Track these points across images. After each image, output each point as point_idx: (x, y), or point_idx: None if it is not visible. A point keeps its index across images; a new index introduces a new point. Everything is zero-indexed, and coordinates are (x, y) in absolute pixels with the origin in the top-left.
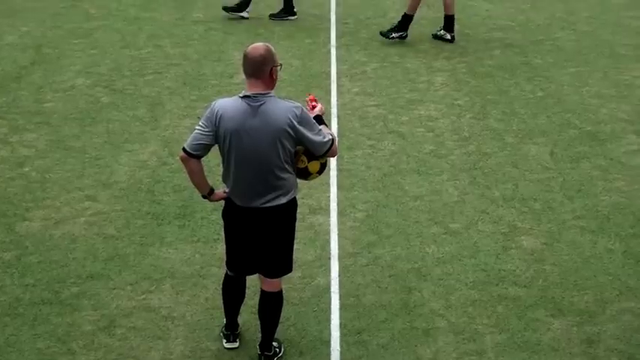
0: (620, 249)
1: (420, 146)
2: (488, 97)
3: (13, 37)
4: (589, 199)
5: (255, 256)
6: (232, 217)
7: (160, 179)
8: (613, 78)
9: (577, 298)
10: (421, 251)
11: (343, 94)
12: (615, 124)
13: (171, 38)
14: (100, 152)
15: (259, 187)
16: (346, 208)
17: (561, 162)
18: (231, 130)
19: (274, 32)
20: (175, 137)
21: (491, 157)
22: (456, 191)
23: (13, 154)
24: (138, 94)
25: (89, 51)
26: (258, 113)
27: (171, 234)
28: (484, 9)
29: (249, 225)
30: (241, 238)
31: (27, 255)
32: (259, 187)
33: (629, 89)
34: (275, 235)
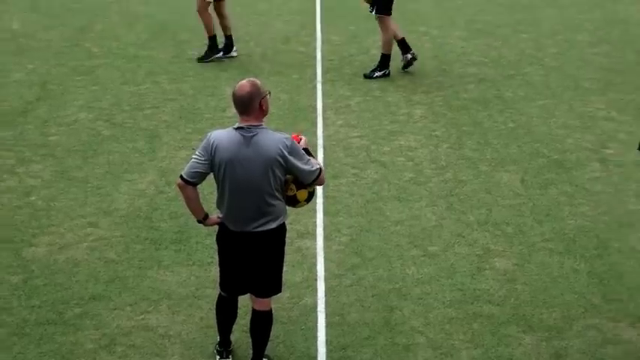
0: (585, 269)
1: (400, 174)
2: (464, 129)
3: (20, 74)
4: (556, 222)
5: (246, 278)
6: (226, 241)
7: (158, 207)
8: (578, 110)
9: (546, 315)
10: (402, 272)
11: (328, 126)
12: (580, 152)
13: (167, 75)
14: (101, 182)
15: (251, 213)
16: (332, 232)
17: (531, 188)
18: (226, 159)
19: (264, 69)
20: (172, 167)
21: (467, 184)
22: (434, 216)
23: (20, 184)
24: (137, 127)
25: (91, 87)
26: (251, 144)
27: (168, 258)
28: (459, 46)
29: (241, 248)
30: (234, 261)
31: (33, 278)
32: (251, 213)
33: (593, 120)
34: (265, 258)
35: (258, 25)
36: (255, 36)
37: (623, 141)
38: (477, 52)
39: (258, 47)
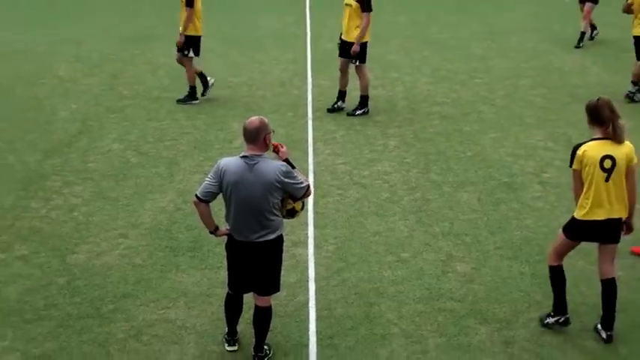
0: (529, 272)
1: (377, 194)
2: (430, 157)
3: (65, 112)
4: (506, 233)
5: (250, 279)
6: (232, 249)
7: (176, 221)
8: (522, 141)
9: (498, 309)
10: (379, 275)
11: (318, 155)
12: (524, 176)
13: (184, 113)
14: (129, 200)
15: (253, 226)
16: (321, 242)
17: (485, 205)
18: (233, 182)
19: (264, 108)
20: (187, 189)
21: (433, 202)
22: (406, 228)
23: (65, 203)
24: (159, 155)
25: (122, 123)
26: (253, 170)
27: (185, 263)
28: (426, 89)
29: (245, 255)
30: (240, 265)
31: (75, 280)
32: (253, 226)
33: (534, 150)
34: (266, 263)
35: (259, 72)
36: (257, 81)
37: (558, 167)
38: (440, 94)
39: (259, 90)
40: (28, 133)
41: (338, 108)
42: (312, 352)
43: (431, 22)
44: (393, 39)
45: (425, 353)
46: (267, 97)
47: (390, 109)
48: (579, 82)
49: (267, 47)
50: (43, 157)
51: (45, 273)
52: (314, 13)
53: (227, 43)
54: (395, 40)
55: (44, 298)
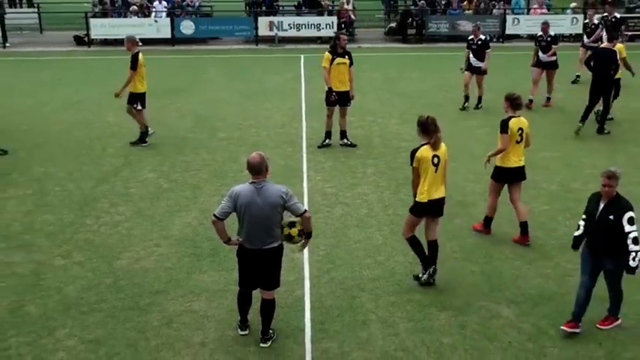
0: (478, 270)
1: (358, 211)
2: (399, 181)
3: (112, 149)
4: (460, 240)
5: (257, 278)
6: (243, 255)
7: (199, 233)
8: (472, 169)
9: (454, 299)
10: (360, 274)
11: (310, 181)
12: (474, 196)
13: (205, 148)
14: (162, 218)
15: (262, 237)
16: (313, 248)
17: (443, 219)
18: (245, 203)
19: (268, 144)
20: (208, 208)
21: (402, 216)
22: (381, 237)
23: (111, 220)
24: (185, 182)
25: (156, 157)
26: (261, 193)
27: (206, 266)
28: (395, 129)
29: (254, 259)
30: (249, 268)
31: (119, 280)
32: (262, 237)
33: (481, 175)
34: (270, 265)
35: (264, 117)
36: (262, 124)
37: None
38: (406, 133)
39: (264, 131)
40: (84, 166)
41: (326, 145)
42: (307, 335)
43: (399, 78)
44: (370, 91)
45: (397, 335)
46: (270, 136)
47: (367, 145)
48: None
49: (270, 98)
50: (95, 184)
51: (96, 275)
52: (306, 73)
53: (240, 95)
54: (371, 92)
55: (96, 294)
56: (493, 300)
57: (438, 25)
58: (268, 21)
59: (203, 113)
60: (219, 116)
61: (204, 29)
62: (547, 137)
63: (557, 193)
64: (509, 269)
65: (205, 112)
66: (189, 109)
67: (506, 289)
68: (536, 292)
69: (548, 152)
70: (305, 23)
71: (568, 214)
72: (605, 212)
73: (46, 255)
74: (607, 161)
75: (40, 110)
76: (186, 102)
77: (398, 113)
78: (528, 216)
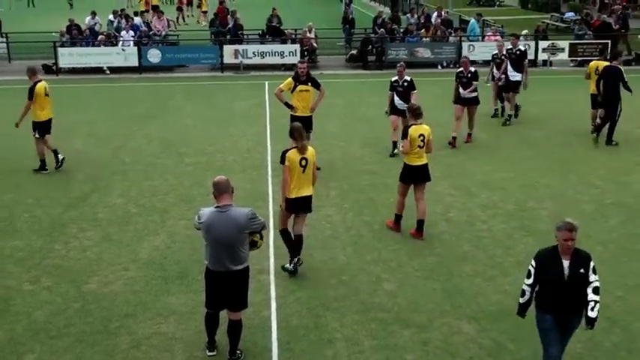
0: (439, 287)
1: (322, 232)
2: (362, 202)
3: (80, 175)
4: (422, 259)
5: (224, 299)
6: (210, 277)
7: (167, 256)
8: (432, 190)
9: (417, 317)
10: (325, 293)
11: (276, 204)
12: (434, 216)
13: (172, 173)
14: (130, 242)
15: (227, 259)
16: (280, 270)
17: (405, 238)
18: (208, 226)
19: (235, 169)
20: (176, 232)
21: (365, 237)
22: (345, 257)
23: (80, 244)
24: (153, 207)
25: (124, 183)
26: (224, 216)
27: (174, 289)
28: (358, 153)
29: (221, 281)
30: (216, 289)
31: (88, 304)
32: (227, 259)
33: (441, 196)
34: (237, 287)
35: (230, 142)
36: (229, 149)
37: (459, 208)
38: (368, 156)
39: (230, 156)
40: (52, 192)
41: None
42: (274, 355)
43: (360, 103)
44: (332, 116)
45: (362, 353)
46: (236, 161)
47: (330, 168)
48: (472, 145)
49: (236, 123)
50: (63, 210)
51: (65, 299)
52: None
53: (206, 121)
54: (333, 116)
55: (64, 319)
56: (455, 316)
57: (397, 52)
58: (233, 49)
59: (170, 139)
60: (186, 142)
61: (171, 57)
62: (503, 159)
63: (514, 212)
64: (469, 286)
65: (172, 138)
66: (156, 135)
67: (467, 306)
68: (496, 308)
69: (504, 173)
70: (269, 51)
71: (524, 232)
72: (574, 268)
73: (15, 280)
74: (561, 181)
75: (8, 138)
76: (154, 128)
77: (359, 137)
78: (486, 233)
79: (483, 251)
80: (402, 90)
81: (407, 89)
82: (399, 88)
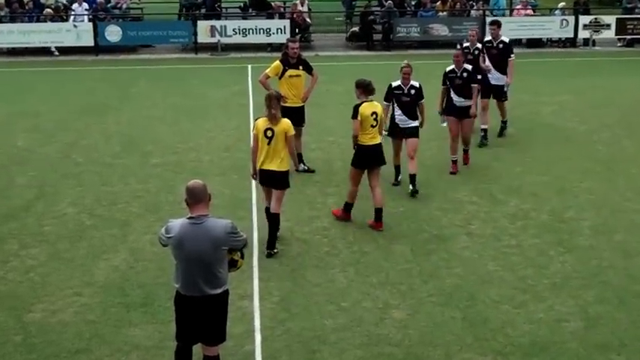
0: (459, 316)
1: (318, 248)
2: (365, 212)
3: (22, 179)
4: (438, 281)
5: (197, 331)
6: (181, 304)
7: (128, 278)
8: (450, 197)
9: (432, 352)
10: (321, 323)
11: (261, 213)
12: (453, 228)
13: (135, 177)
14: (84, 261)
15: (201, 282)
16: (265, 294)
17: (418, 256)
18: (179, 242)
19: (212, 171)
20: (140, 247)
21: (369, 254)
22: (345, 279)
23: (22, 264)
24: (112, 218)
25: (77, 188)
26: (200, 230)
27: (137, 318)
28: None
29: (193, 309)
30: (188, 318)
31: (31, 337)
32: (201, 282)
33: (460, 204)
34: (213, 316)
35: (206, 138)
36: (204, 146)
37: (482, 219)
38: None
39: (206, 155)
40: None
41: None
42: None
43: None
44: (330, 107)
45: None
46: (213, 161)
47: (327, 170)
48: (497, 142)
49: (213, 116)
50: (0, 221)
51: (2, 331)
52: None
53: (176, 113)
54: (331, 107)
55: (1, 356)
56: (478, 351)
57: (407, 30)
58: (209, 25)
59: (133, 134)
60: (151, 138)
61: (134, 36)
62: (535, 159)
63: (549, 223)
64: (495, 314)
65: (135, 134)
66: (115, 129)
67: (492, 339)
68: (528, 340)
69: (537, 176)
70: (252, 28)
71: (561, 248)
72: None
73: None
74: (606, 185)
75: None
76: (113, 121)
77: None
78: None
79: (512, 272)
80: (409, 100)
81: (414, 98)
82: (404, 97)
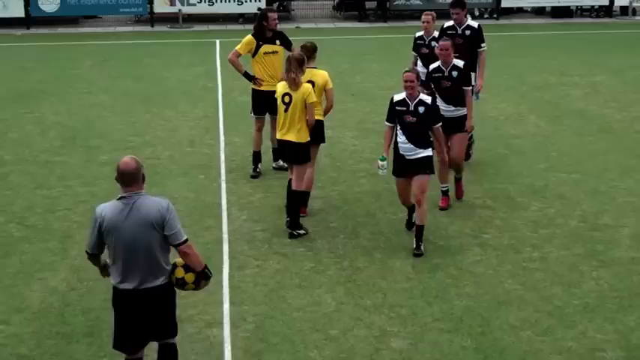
0: (471, 346)
1: (300, 264)
2: (358, 219)
3: None
4: (445, 303)
5: (145, 330)
6: (120, 300)
7: (70, 302)
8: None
9: None
10: (305, 356)
11: (233, 221)
12: (462, 238)
13: (79, 178)
14: (13, 281)
15: (143, 271)
16: (237, 321)
17: (421, 273)
18: (112, 227)
19: (172, 170)
20: (84, 265)
21: (363, 271)
22: (334, 302)
23: None
24: (49, 228)
25: (3, 192)
26: (133, 210)
27: (80, 352)
28: (351, 145)
29: (135, 303)
30: (130, 317)
31: None
32: (143, 271)
33: (471, 208)
34: (160, 309)
35: (165, 130)
36: (163, 140)
37: (498, 226)
38: (367, 150)
39: (166, 151)
40: None
41: (258, 173)
42: None
43: (355, 72)
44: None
45: None
46: (174, 158)
47: None
48: (516, 132)
49: (174, 102)
50: None
51: None
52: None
53: (129, 100)
54: None
55: None
56: None
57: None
58: None
59: (75, 126)
60: (98, 130)
61: (75, 5)
62: (563, 153)
63: (580, 231)
64: (514, 343)
65: (78, 125)
66: (53, 120)
67: None
68: None
69: (565, 173)
70: None
71: (595, 262)
72: None
73: None
74: None
75: None
76: (49, 110)
77: (354, 121)
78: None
79: (535, 291)
80: (415, 121)
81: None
82: (408, 117)
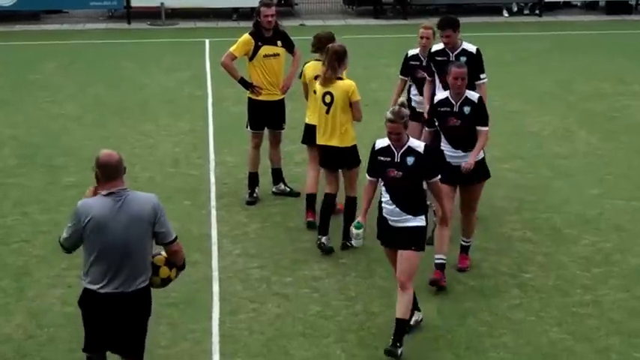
0: None
1: (305, 308)
2: (373, 255)
3: None
4: (477, 356)
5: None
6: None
7: (27, 353)
8: (493, 231)
9: None
10: None
11: (224, 257)
12: (498, 278)
13: (39, 204)
14: None
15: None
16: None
17: (448, 319)
18: (100, 225)
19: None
20: (44, 308)
21: (379, 316)
22: (344, 353)
23: None
24: (2, 263)
25: None
26: (123, 207)
27: None
28: (363, 162)
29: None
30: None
31: None
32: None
33: (508, 242)
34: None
35: (144, 147)
36: (141, 159)
37: (541, 264)
38: None
39: (145, 171)
40: None
41: (255, 199)
42: None
43: (370, 77)
44: None
45: None
46: (155, 181)
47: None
48: (563, 151)
49: (155, 113)
50: None
51: None
52: (215, 69)
53: (101, 109)
54: None
55: None
56: None
57: None
58: None
59: (35, 141)
60: (63, 147)
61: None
62: (619, 176)
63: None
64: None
65: (39, 140)
66: (8, 134)
67: None
68: None
69: (623, 200)
70: None
71: None
72: None
73: None
74: None
75: None
76: (4, 122)
77: (369, 135)
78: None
79: (587, 341)
80: (404, 175)
81: (415, 171)
82: (392, 171)
